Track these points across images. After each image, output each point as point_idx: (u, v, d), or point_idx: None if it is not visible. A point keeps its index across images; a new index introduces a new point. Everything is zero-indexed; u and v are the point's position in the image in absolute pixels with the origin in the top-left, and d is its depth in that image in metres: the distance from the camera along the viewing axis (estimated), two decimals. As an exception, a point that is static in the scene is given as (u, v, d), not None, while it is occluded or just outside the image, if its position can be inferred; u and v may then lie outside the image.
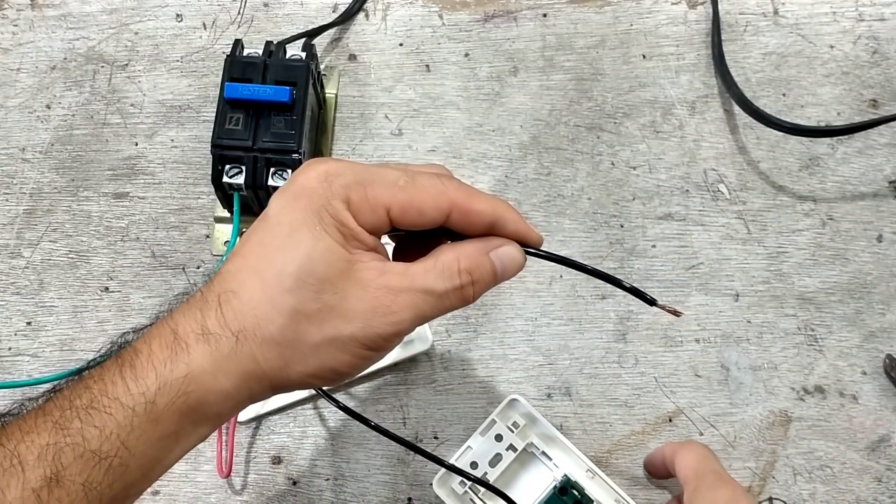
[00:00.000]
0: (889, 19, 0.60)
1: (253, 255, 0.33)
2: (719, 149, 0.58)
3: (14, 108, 0.61)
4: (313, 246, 0.32)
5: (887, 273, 0.55)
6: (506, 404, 0.50)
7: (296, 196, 0.33)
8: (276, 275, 0.32)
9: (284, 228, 0.32)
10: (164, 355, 0.31)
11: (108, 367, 0.32)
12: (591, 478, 0.49)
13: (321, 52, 0.61)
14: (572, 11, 0.62)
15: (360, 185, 0.33)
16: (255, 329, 0.32)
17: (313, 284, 0.32)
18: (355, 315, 0.32)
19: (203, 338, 0.31)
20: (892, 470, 0.52)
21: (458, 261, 0.34)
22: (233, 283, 0.32)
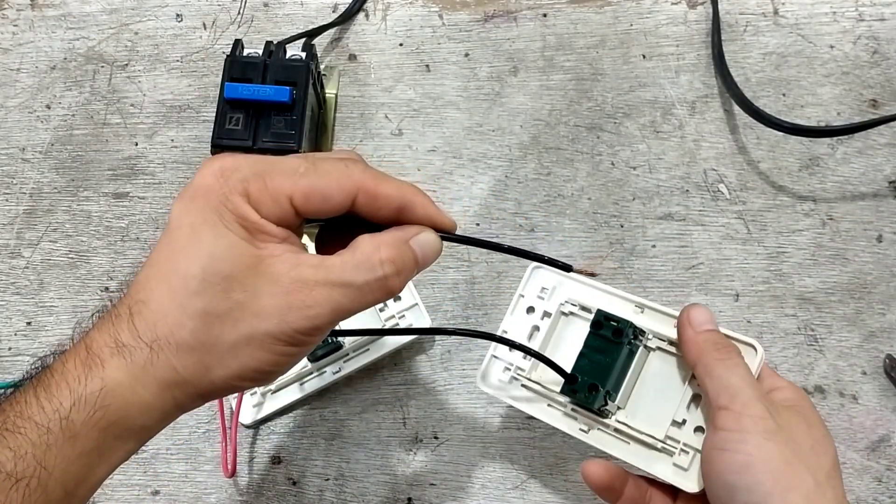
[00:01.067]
0: (889, 19, 0.60)
1: (159, 262, 0.32)
2: (719, 149, 0.58)
3: (14, 108, 0.61)
4: (215, 244, 0.31)
5: (887, 273, 0.55)
6: (529, 276, 0.47)
7: (193, 196, 0.32)
8: (181, 279, 0.31)
9: (185, 230, 0.31)
10: (78, 371, 0.30)
11: (23, 390, 0.31)
12: (640, 312, 0.45)
13: (321, 52, 0.61)
14: (572, 11, 0.62)
15: (258, 177, 0.32)
16: (168, 337, 0.31)
17: (220, 284, 0.31)
18: (269, 312, 0.31)
19: (117, 351, 0.31)
20: (892, 470, 0.52)
21: (378, 251, 0.33)
22: (142, 292, 0.31)
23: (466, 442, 0.53)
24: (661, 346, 0.43)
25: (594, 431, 0.43)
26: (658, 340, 0.44)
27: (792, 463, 0.36)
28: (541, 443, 0.53)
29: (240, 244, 0.31)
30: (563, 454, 0.53)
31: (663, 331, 0.43)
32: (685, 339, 0.41)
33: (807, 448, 0.37)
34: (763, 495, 0.35)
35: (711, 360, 0.39)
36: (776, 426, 0.37)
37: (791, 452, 0.36)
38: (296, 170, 0.32)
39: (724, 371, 0.38)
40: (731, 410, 0.37)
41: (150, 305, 0.31)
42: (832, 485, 0.36)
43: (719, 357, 0.39)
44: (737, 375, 0.38)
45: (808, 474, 0.36)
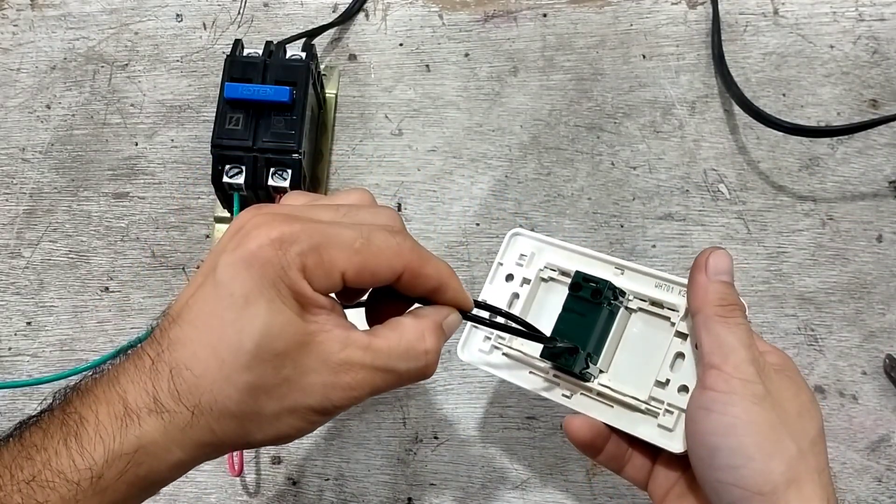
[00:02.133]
0: (889, 19, 0.60)
1: (205, 325, 0.31)
2: (719, 149, 0.58)
3: (14, 108, 0.61)
4: (271, 320, 0.30)
5: (887, 273, 0.55)
6: (507, 244, 0.46)
7: (248, 264, 0.31)
8: (232, 352, 0.30)
9: (238, 300, 0.30)
10: (114, 427, 0.30)
11: (51, 433, 0.30)
12: (621, 274, 0.43)
13: (321, 52, 0.61)
14: (572, 11, 0.62)
15: (315, 251, 0.31)
16: (211, 404, 0.31)
17: (272, 361, 0.31)
18: (315, 388, 0.32)
19: (156, 411, 0.30)
20: (892, 470, 0.52)
21: (423, 340, 0.34)
22: (184, 354, 0.31)
23: (466, 442, 0.53)
24: (643, 306, 0.42)
25: (577, 396, 0.42)
26: (639, 301, 0.42)
27: (777, 429, 0.36)
28: (541, 443, 0.53)
29: (294, 321, 0.31)
30: (563, 454, 0.53)
31: (645, 291, 0.42)
32: (694, 284, 0.39)
33: (793, 414, 0.37)
34: (745, 459, 0.35)
35: (714, 314, 0.38)
36: (765, 391, 0.36)
37: (777, 418, 0.36)
38: (351, 244, 0.32)
39: (723, 329, 0.37)
40: (722, 371, 0.36)
41: (195, 371, 0.30)
42: (815, 452, 0.36)
43: (722, 314, 0.38)
44: (735, 336, 0.37)
45: (791, 441, 0.36)
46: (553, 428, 0.53)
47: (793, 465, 0.35)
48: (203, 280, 0.32)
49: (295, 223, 0.31)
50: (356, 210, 0.34)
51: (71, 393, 0.32)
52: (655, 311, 0.42)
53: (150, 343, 0.32)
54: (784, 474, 0.35)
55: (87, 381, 0.32)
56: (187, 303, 0.32)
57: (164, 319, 0.32)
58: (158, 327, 0.32)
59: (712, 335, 0.38)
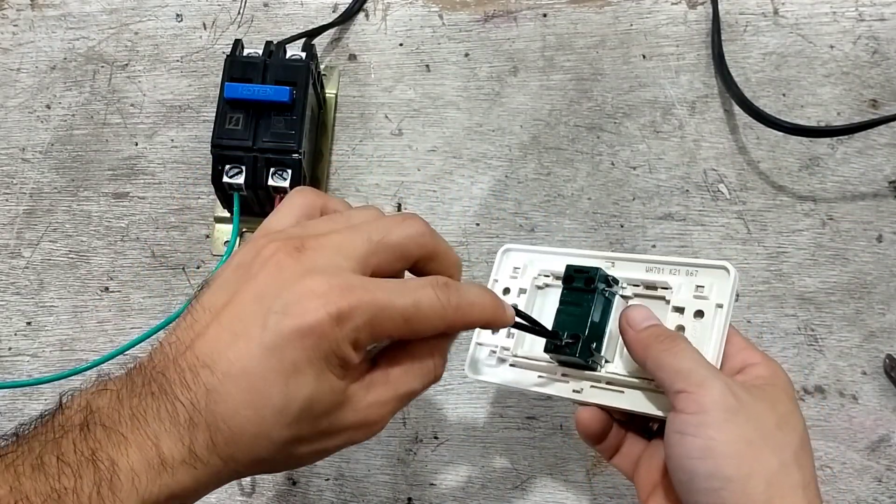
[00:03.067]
0: (889, 19, 0.60)
1: (248, 385, 0.30)
2: (719, 149, 0.58)
3: (14, 108, 0.61)
4: (318, 388, 0.31)
5: (887, 273, 0.55)
6: (500, 260, 0.47)
7: (303, 335, 0.30)
8: (275, 413, 0.31)
9: (287, 366, 0.30)
10: (148, 477, 0.30)
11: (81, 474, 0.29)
12: (612, 266, 0.44)
13: (321, 52, 0.61)
14: (572, 11, 0.62)
15: (368, 326, 0.31)
16: (246, 456, 0.31)
17: (312, 420, 0.32)
18: (343, 432, 0.33)
19: (190, 461, 0.30)
20: (892, 470, 0.52)
21: (433, 356, 0.35)
22: (224, 409, 0.30)
23: (466, 442, 0.53)
24: (638, 292, 0.43)
25: (588, 389, 0.42)
26: (633, 287, 0.43)
27: (754, 444, 0.35)
28: (541, 443, 0.53)
29: (337, 386, 0.32)
30: (563, 454, 0.53)
31: (637, 276, 0.43)
32: (628, 342, 0.40)
33: (771, 425, 0.36)
34: (723, 481, 0.34)
35: (657, 352, 0.38)
36: (737, 403, 0.35)
37: (754, 431, 0.35)
38: (402, 314, 0.32)
39: (671, 358, 0.37)
40: (688, 392, 0.36)
41: (233, 426, 0.30)
42: (799, 464, 0.35)
43: (664, 347, 0.38)
44: (686, 359, 0.37)
45: (772, 454, 0.35)
46: (553, 428, 0.53)
47: (774, 481, 0.34)
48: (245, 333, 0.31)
49: (352, 295, 0.31)
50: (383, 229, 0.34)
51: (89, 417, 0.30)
52: (650, 293, 0.43)
53: (181, 385, 0.30)
54: (765, 493, 0.34)
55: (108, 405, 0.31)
56: (227, 355, 0.31)
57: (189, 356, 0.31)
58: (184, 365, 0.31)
59: (666, 368, 0.37)
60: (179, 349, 0.31)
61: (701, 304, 0.40)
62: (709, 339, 0.39)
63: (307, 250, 0.32)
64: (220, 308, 0.32)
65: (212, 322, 0.32)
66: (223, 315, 0.32)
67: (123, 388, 0.31)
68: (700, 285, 0.41)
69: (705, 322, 0.40)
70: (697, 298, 0.41)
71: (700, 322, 0.40)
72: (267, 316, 0.31)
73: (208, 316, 0.32)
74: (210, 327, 0.32)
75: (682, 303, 0.41)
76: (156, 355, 0.32)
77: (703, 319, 0.40)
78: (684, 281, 0.41)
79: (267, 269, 0.32)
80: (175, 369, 0.31)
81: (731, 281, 0.40)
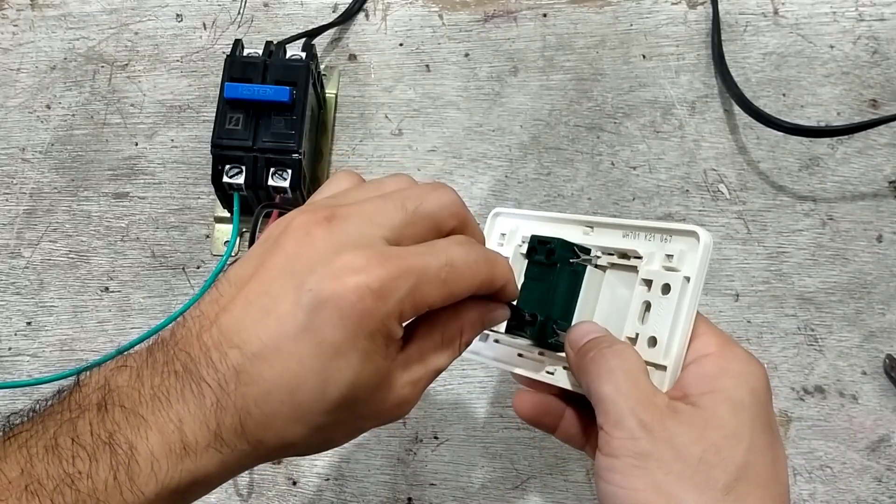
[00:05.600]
0: (889, 19, 0.60)
1: (283, 368, 0.28)
2: (719, 149, 0.58)
3: (14, 108, 0.61)
4: (361, 371, 0.29)
5: (887, 273, 0.55)
6: (490, 224, 0.43)
7: (345, 314, 0.28)
8: (313, 398, 0.29)
9: (327, 349, 0.28)
10: (170, 462, 0.28)
11: (97, 458, 0.27)
12: (590, 233, 0.39)
13: (321, 52, 0.61)
14: (572, 11, 0.62)
15: (411, 295, 0.29)
16: (276, 440, 0.29)
17: (351, 405, 0.30)
18: (379, 414, 0.31)
19: (215, 446, 0.28)
20: (892, 470, 0.52)
21: (461, 333, 0.33)
22: (255, 391, 0.28)
23: (466, 442, 0.53)
24: (613, 261, 0.38)
25: (559, 371, 0.39)
26: (608, 257, 0.38)
27: (665, 491, 0.30)
28: (541, 443, 0.53)
29: (381, 367, 0.30)
30: (563, 454, 0.53)
31: (612, 244, 0.38)
32: (569, 364, 0.36)
33: (694, 461, 0.31)
34: None
35: (586, 373, 0.34)
36: (649, 445, 0.31)
37: (666, 475, 0.31)
38: (438, 276, 0.30)
39: (597, 381, 0.33)
40: (604, 431, 0.32)
41: (265, 410, 0.28)
42: (737, 496, 0.30)
43: (593, 368, 0.34)
44: (609, 384, 0.33)
45: (691, 496, 0.30)
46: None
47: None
48: (276, 310, 0.29)
49: (390, 264, 0.29)
50: (417, 197, 0.32)
51: (107, 397, 0.28)
52: (624, 263, 0.38)
53: (206, 365, 0.28)
54: None
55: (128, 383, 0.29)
56: (257, 334, 0.28)
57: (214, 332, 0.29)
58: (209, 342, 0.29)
59: (593, 394, 0.34)
60: (204, 324, 0.29)
61: (669, 277, 0.35)
62: (673, 322, 0.35)
63: (338, 219, 0.30)
64: (245, 280, 0.30)
65: (237, 295, 0.29)
66: (249, 288, 0.29)
67: (144, 365, 0.29)
68: (670, 254, 0.35)
69: (670, 299, 0.35)
70: (667, 270, 0.35)
71: (665, 299, 0.35)
72: (300, 292, 0.28)
73: (234, 289, 0.30)
74: (236, 301, 0.29)
75: (651, 274, 0.36)
76: (178, 330, 0.30)
77: (668, 296, 0.35)
78: (657, 248, 0.36)
79: (296, 239, 0.30)
80: (199, 346, 0.29)
81: (700, 249, 0.34)
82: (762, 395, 0.33)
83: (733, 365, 0.33)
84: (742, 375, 0.33)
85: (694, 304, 0.35)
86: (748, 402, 0.32)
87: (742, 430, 0.31)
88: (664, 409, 0.32)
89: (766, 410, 0.33)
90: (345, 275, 0.28)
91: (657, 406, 0.32)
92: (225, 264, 0.52)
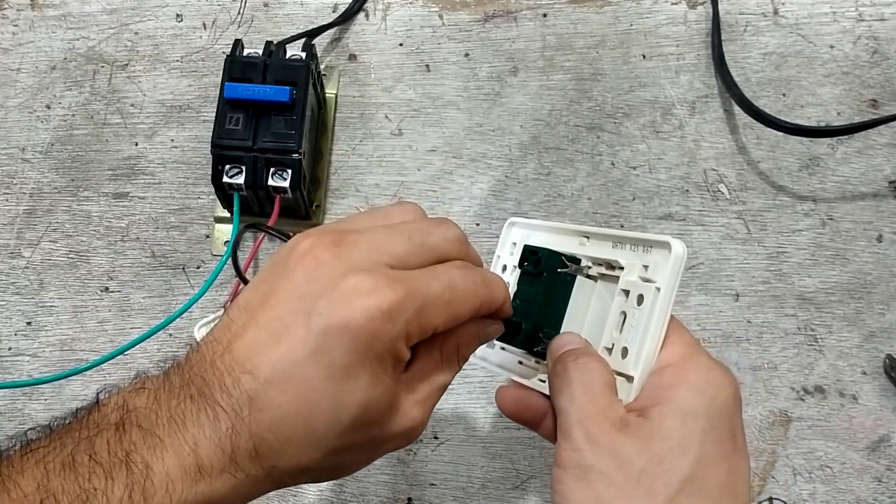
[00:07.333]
0: (889, 19, 0.60)
1: (296, 393, 0.29)
2: (719, 149, 0.58)
3: (14, 108, 0.61)
4: (371, 393, 0.29)
5: (887, 273, 0.55)
6: (505, 233, 0.43)
7: (354, 336, 0.29)
8: (326, 422, 0.29)
9: (338, 371, 0.29)
10: (184, 484, 0.28)
11: (114, 476, 0.27)
12: (585, 244, 0.40)
13: (321, 52, 0.61)
14: (572, 11, 0.62)
15: (417, 317, 0.30)
16: (290, 465, 0.29)
17: (364, 427, 0.30)
18: (391, 437, 0.32)
19: (230, 470, 0.29)
20: (892, 470, 0.52)
21: (457, 350, 0.34)
22: (269, 417, 0.29)
23: (466, 442, 0.53)
24: (601, 271, 0.39)
25: None
26: (598, 267, 0.39)
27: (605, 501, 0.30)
28: (541, 443, 0.53)
29: (391, 387, 0.30)
30: (563, 454, 0.52)
31: (601, 255, 0.38)
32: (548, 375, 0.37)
33: (635, 473, 0.30)
34: None
35: (551, 385, 0.35)
36: (591, 460, 0.31)
37: (607, 488, 0.30)
38: (442, 299, 0.31)
39: (555, 394, 0.34)
40: (558, 441, 0.33)
41: (280, 436, 0.29)
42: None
43: (554, 380, 0.35)
44: (565, 396, 0.34)
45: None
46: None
47: None
48: (287, 335, 0.29)
49: (398, 286, 0.29)
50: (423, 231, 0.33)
51: (126, 417, 0.29)
52: (611, 273, 0.38)
53: (220, 390, 0.29)
54: None
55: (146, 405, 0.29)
56: (269, 359, 0.29)
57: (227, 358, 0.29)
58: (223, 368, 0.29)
59: (554, 404, 0.35)
60: (217, 350, 0.30)
61: (643, 288, 0.35)
62: (643, 332, 0.35)
63: (345, 245, 0.31)
64: (256, 307, 0.30)
65: (248, 322, 0.30)
66: (260, 314, 0.30)
67: (161, 388, 0.30)
68: (646, 265, 0.36)
69: (643, 309, 0.35)
70: (643, 281, 0.36)
71: (639, 310, 0.35)
72: (310, 317, 0.29)
73: (245, 316, 0.30)
74: (247, 328, 0.30)
75: (629, 285, 0.36)
76: (193, 356, 0.30)
77: (641, 306, 0.35)
78: (637, 260, 0.36)
79: (304, 264, 0.30)
80: (213, 372, 0.29)
81: (671, 260, 0.34)
82: (722, 406, 0.32)
83: (691, 375, 0.33)
84: (698, 385, 0.32)
85: (664, 314, 0.34)
86: (701, 413, 0.31)
87: (689, 442, 0.31)
88: (614, 422, 0.32)
89: (727, 421, 0.32)
90: (354, 298, 0.29)
91: (607, 419, 0.32)
92: (225, 264, 0.52)
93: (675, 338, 0.34)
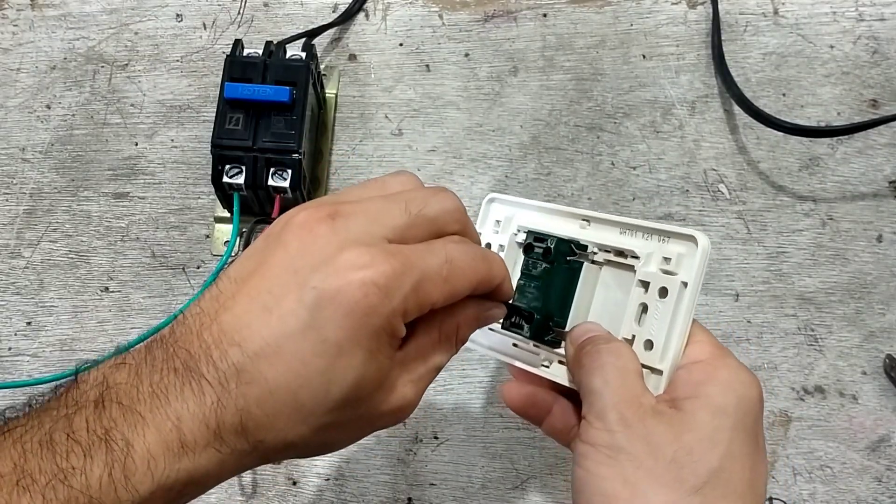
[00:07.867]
0: (889, 19, 0.60)
1: (286, 367, 0.28)
2: (719, 149, 0.58)
3: (14, 108, 0.61)
4: (365, 371, 0.29)
5: (887, 273, 0.55)
6: (485, 210, 0.43)
7: (349, 311, 0.28)
8: (315, 398, 0.28)
9: (331, 347, 0.28)
10: (167, 460, 0.27)
11: (92, 454, 0.27)
12: (587, 227, 0.39)
13: (321, 52, 0.61)
14: (572, 11, 0.62)
15: (414, 292, 0.29)
16: (277, 440, 0.29)
17: (353, 404, 0.29)
18: (381, 415, 0.31)
19: (215, 444, 0.28)
20: (892, 470, 0.52)
21: (456, 331, 0.33)
22: (256, 391, 0.28)
23: (466, 442, 0.53)
24: (609, 258, 0.38)
25: (554, 365, 0.39)
26: (604, 253, 0.38)
27: (632, 484, 0.31)
28: (541, 443, 0.53)
29: (384, 366, 0.30)
30: (563, 454, 0.52)
31: (609, 241, 0.38)
32: (567, 359, 0.37)
33: (665, 460, 0.31)
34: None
35: (580, 367, 0.35)
36: (623, 442, 0.32)
37: (635, 470, 0.31)
38: (440, 273, 0.30)
39: (587, 375, 0.34)
40: (586, 420, 0.33)
41: (267, 410, 0.28)
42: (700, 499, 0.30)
43: (586, 362, 0.35)
44: (599, 378, 0.34)
45: (658, 492, 0.30)
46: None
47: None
48: (278, 308, 0.28)
49: (394, 260, 0.29)
50: (421, 200, 0.32)
51: (105, 394, 0.28)
52: (620, 261, 0.38)
53: (207, 363, 0.28)
54: None
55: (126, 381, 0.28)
56: (259, 332, 0.28)
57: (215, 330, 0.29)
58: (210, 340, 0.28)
59: (583, 386, 0.35)
60: (204, 321, 0.29)
61: (666, 281, 0.35)
62: (670, 327, 0.35)
63: (341, 217, 0.30)
64: (247, 278, 0.29)
65: (238, 293, 0.29)
66: (251, 285, 0.29)
67: (143, 362, 0.29)
68: (667, 257, 0.35)
69: (667, 303, 0.35)
70: (664, 273, 0.35)
71: (662, 303, 0.35)
72: (303, 290, 0.28)
73: (235, 287, 0.29)
74: (237, 299, 0.29)
75: (648, 276, 0.36)
76: (178, 327, 0.29)
77: (665, 300, 0.35)
78: (655, 249, 0.36)
79: (298, 235, 0.29)
80: (200, 344, 0.28)
81: (698, 254, 0.34)
82: (749, 406, 0.33)
83: (722, 373, 0.33)
84: (729, 383, 0.33)
85: (691, 309, 0.35)
86: (731, 410, 0.32)
87: (719, 436, 0.32)
88: (647, 410, 0.33)
89: (753, 421, 0.33)
90: (349, 271, 0.28)
91: (641, 405, 0.33)
92: (224, 265, 0.52)
93: (701, 335, 0.35)
